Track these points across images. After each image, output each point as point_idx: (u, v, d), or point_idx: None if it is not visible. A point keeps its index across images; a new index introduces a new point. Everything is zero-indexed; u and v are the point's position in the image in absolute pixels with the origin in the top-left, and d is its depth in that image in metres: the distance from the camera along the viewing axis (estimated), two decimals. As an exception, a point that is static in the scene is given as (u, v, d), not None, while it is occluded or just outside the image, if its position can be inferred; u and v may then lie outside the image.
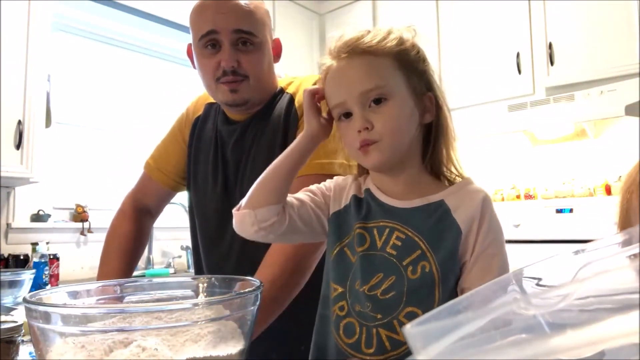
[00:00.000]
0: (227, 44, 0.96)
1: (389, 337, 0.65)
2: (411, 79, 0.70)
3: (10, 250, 2.26)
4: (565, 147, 2.67)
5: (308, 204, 0.74)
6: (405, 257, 0.67)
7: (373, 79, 0.67)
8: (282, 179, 0.72)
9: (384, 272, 0.67)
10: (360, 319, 0.67)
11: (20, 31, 2.09)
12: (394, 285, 0.66)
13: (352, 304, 0.68)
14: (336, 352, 0.68)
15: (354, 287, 0.69)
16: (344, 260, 0.71)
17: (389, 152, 0.68)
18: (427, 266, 0.66)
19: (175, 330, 0.51)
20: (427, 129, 0.73)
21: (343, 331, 0.68)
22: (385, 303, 0.66)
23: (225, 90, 0.99)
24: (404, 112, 0.69)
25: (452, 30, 2.83)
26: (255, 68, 0.99)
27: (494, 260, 0.69)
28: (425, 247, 0.67)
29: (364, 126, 0.67)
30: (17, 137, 2.05)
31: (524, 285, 0.36)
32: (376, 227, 0.70)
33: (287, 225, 0.72)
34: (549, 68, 2.44)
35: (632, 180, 0.60)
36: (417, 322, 0.30)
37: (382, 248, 0.69)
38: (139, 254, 1.19)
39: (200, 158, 1.12)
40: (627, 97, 2.11)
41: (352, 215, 0.73)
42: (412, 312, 0.65)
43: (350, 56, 0.69)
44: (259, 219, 0.71)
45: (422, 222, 0.69)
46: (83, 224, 2.51)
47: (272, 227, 0.71)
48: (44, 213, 2.42)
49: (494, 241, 0.69)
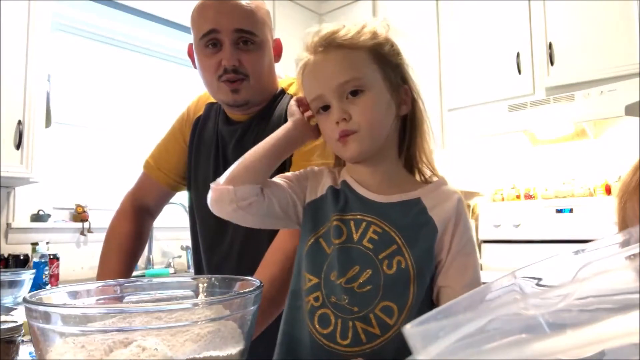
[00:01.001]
0: (228, 43, 0.96)
1: (365, 330, 0.66)
2: (386, 71, 0.72)
3: (10, 250, 2.26)
4: (565, 147, 2.67)
5: (286, 189, 0.75)
6: (381, 252, 0.68)
7: (349, 71, 0.69)
8: (267, 161, 0.73)
9: (360, 265, 0.68)
10: (335, 310, 0.68)
11: (20, 31, 2.09)
12: (371, 279, 0.68)
13: (328, 295, 0.69)
14: (309, 341, 0.69)
15: (329, 278, 0.69)
16: (319, 251, 0.72)
17: (368, 142, 0.69)
18: (402, 262, 0.68)
19: (175, 330, 0.50)
20: (403, 122, 0.75)
21: (318, 321, 0.69)
22: (361, 296, 0.67)
23: (227, 91, 0.99)
24: (381, 103, 0.70)
25: (452, 30, 2.83)
26: (256, 67, 0.99)
27: (470, 259, 0.70)
28: (402, 243, 0.68)
29: (341, 117, 0.68)
30: (17, 137, 2.05)
31: (524, 285, 0.36)
32: (353, 220, 0.71)
33: (266, 207, 0.72)
34: (549, 68, 2.44)
35: (625, 187, 0.60)
36: (417, 322, 0.30)
37: (359, 241, 0.69)
38: (139, 253, 1.19)
39: (201, 158, 1.12)
40: (627, 97, 2.11)
41: (329, 206, 0.73)
42: (388, 307, 0.67)
43: (326, 50, 0.71)
44: (238, 196, 0.70)
45: (399, 218, 0.70)
46: (83, 224, 2.51)
47: (250, 207, 0.70)
48: (44, 213, 2.42)
49: (469, 241, 0.71)
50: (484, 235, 2.82)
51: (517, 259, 2.61)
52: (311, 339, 0.69)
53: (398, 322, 0.66)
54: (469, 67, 2.74)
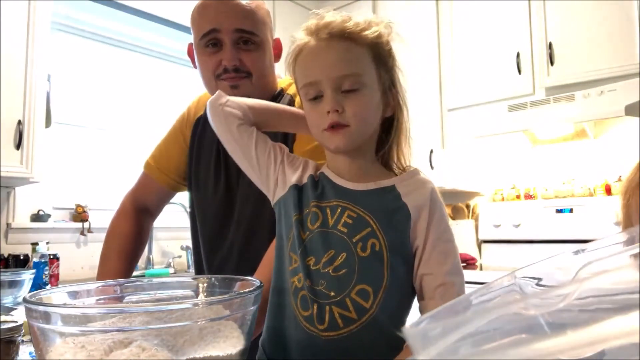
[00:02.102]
0: (229, 42, 0.97)
1: (341, 315, 0.67)
2: (380, 72, 0.73)
3: (10, 250, 2.26)
4: (565, 147, 2.67)
5: (271, 148, 0.78)
6: (355, 235, 0.69)
7: (351, 65, 0.69)
8: (270, 114, 0.79)
9: (335, 249, 0.69)
10: (312, 295, 0.69)
11: (20, 31, 2.09)
12: (345, 262, 0.68)
13: (305, 278, 0.70)
14: (294, 324, 0.70)
15: (305, 263, 0.71)
16: (298, 234, 0.73)
17: (355, 137, 0.71)
18: (376, 244, 0.69)
19: (175, 330, 0.50)
20: (384, 123, 0.76)
21: (300, 303, 0.70)
22: (337, 280, 0.68)
23: (226, 86, 0.98)
24: (373, 102, 0.72)
25: (452, 30, 2.83)
26: (257, 66, 1.00)
27: (450, 246, 0.71)
28: (376, 226, 0.69)
29: (334, 108, 0.69)
30: (17, 137, 2.05)
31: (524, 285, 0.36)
32: (329, 207, 0.72)
33: (246, 138, 0.76)
34: (549, 68, 2.44)
35: (628, 184, 0.61)
36: (417, 322, 0.30)
37: (334, 226, 0.71)
38: (139, 253, 1.19)
39: (202, 159, 1.12)
40: (627, 97, 2.11)
41: (309, 193, 0.75)
42: (363, 290, 0.68)
43: (330, 38, 0.71)
44: (229, 103, 0.77)
45: (373, 203, 0.71)
46: (83, 224, 2.51)
47: (233, 116, 0.75)
48: (44, 213, 2.42)
49: (447, 228, 0.72)
50: (484, 235, 2.82)
51: (517, 259, 2.61)
52: (296, 322, 0.70)
53: (374, 305, 0.67)
54: (469, 67, 2.74)
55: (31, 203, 2.41)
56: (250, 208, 1.02)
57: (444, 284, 0.68)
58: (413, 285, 0.72)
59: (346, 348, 0.67)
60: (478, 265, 2.67)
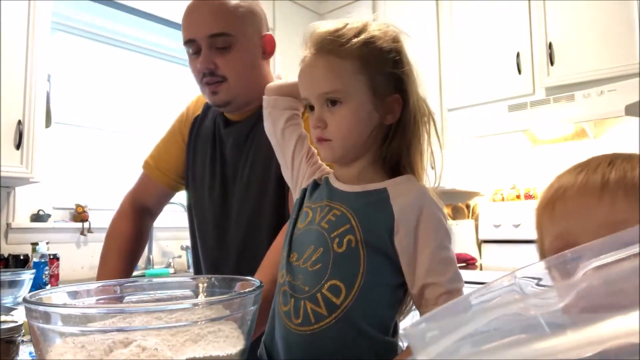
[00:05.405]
0: (205, 48, 0.98)
1: (313, 310, 0.68)
2: (375, 80, 0.71)
3: (10, 250, 2.26)
4: (565, 147, 2.67)
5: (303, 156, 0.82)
6: (334, 231, 0.70)
7: (332, 82, 0.70)
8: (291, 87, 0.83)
9: (314, 244, 0.71)
10: (291, 290, 0.71)
11: (20, 31, 2.09)
12: (321, 257, 0.69)
13: (287, 274, 0.72)
14: (279, 320, 0.72)
15: (288, 259, 0.73)
16: (291, 233, 0.76)
17: (340, 151, 0.72)
18: (353, 241, 0.69)
19: (175, 330, 0.50)
20: (390, 127, 0.74)
21: (282, 298, 0.72)
22: (312, 274, 0.69)
23: (208, 92, 1.02)
24: (358, 115, 0.71)
25: (452, 30, 2.83)
26: (233, 68, 0.99)
27: (449, 253, 0.70)
28: (355, 224, 0.69)
29: (316, 125, 0.71)
30: (17, 137, 2.05)
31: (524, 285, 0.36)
32: (319, 207, 0.74)
33: (292, 134, 0.82)
34: (549, 68, 2.44)
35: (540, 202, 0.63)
36: (417, 322, 0.30)
37: (318, 223, 0.72)
38: (139, 253, 1.19)
39: (199, 158, 1.12)
40: (627, 97, 2.11)
41: (308, 195, 0.78)
42: (335, 285, 0.68)
43: (317, 54, 0.72)
44: (272, 103, 0.84)
45: (357, 202, 0.72)
46: (83, 224, 2.51)
47: (280, 119, 0.83)
48: (44, 213, 2.42)
49: (446, 234, 0.70)
50: (484, 235, 2.82)
51: (517, 259, 2.61)
52: (279, 318, 0.72)
53: (345, 302, 0.67)
54: (469, 67, 2.74)
55: (31, 203, 2.41)
56: (248, 207, 1.02)
57: (449, 292, 0.66)
58: (399, 286, 0.70)
59: (318, 344, 0.67)
60: (478, 266, 2.67)
